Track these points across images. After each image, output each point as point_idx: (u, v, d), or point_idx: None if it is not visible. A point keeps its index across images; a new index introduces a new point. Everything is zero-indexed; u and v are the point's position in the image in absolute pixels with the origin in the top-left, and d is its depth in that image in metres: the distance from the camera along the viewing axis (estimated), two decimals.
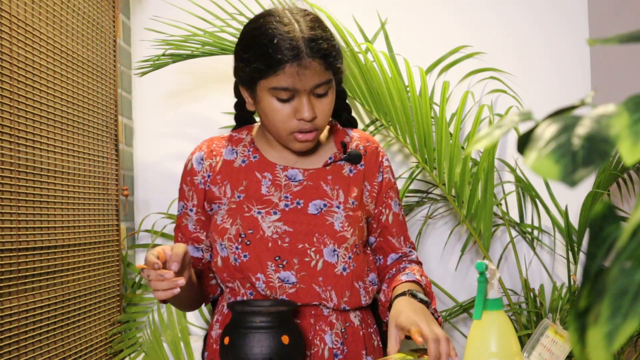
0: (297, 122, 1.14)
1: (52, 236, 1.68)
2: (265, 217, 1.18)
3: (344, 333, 1.20)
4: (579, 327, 0.33)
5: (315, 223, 1.18)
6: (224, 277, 1.22)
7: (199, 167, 1.26)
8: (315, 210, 1.20)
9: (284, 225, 1.18)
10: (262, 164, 1.24)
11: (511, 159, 2.19)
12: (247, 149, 1.27)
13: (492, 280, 0.94)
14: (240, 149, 1.27)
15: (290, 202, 1.20)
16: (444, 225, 2.23)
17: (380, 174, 1.29)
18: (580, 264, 1.95)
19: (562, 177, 0.33)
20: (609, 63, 2.15)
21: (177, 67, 2.10)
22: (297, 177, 1.23)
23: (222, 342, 1.08)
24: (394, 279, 1.25)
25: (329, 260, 1.18)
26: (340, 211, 1.20)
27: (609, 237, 0.35)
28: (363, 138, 1.31)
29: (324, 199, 1.21)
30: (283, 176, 1.23)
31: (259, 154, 1.25)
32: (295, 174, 1.23)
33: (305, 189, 1.22)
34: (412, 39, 2.24)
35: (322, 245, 1.18)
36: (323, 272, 1.18)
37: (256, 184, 1.22)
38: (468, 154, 1.99)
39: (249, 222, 1.18)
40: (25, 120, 1.56)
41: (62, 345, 1.72)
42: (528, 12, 2.25)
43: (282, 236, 1.18)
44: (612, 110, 0.35)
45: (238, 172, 1.24)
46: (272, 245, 1.17)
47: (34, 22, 1.61)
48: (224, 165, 1.25)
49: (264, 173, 1.23)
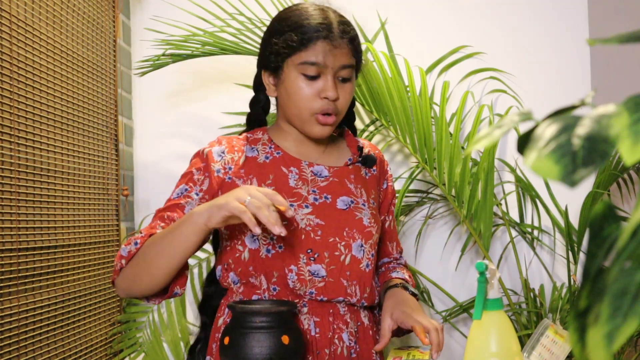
0: (320, 101, 1.18)
1: (52, 236, 1.68)
2: (297, 209, 1.19)
3: (356, 332, 1.22)
4: (579, 327, 0.33)
5: (345, 218, 1.21)
6: (248, 271, 1.19)
7: (219, 159, 1.22)
8: (344, 206, 1.23)
9: (316, 218, 1.20)
10: (287, 159, 1.25)
11: (511, 159, 2.19)
12: (268, 146, 1.27)
13: (492, 280, 0.94)
14: (260, 147, 1.27)
15: (319, 197, 1.22)
16: (444, 225, 2.23)
17: (386, 182, 1.36)
18: (580, 264, 1.95)
19: (562, 177, 0.33)
20: (609, 63, 2.15)
21: (177, 67, 2.10)
22: (323, 173, 1.25)
23: (222, 342, 1.08)
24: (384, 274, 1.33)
25: (356, 255, 1.20)
26: (366, 208, 1.25)
27: (609, 237, 0.35)
28: (371, 145, 1.38)
29: (350, 196, 1.24)
30: (309, 171, 1.25)
31: (281, 150, 1.26)
32: (321, 170, 1.26)
33: (332, 184, 1.24)
34: (412, 39, 2.24)
35: (352, 240, 1.20)
36: (350, 267, 1.20)
37: (283, 178, 1.23)
38: (468, 154, 1.99)
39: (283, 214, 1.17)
40: (25, 120, 1.56)
41: (62, 345, 1.72)
42: (528, 12, 2.25)
43: (315, 229, 1.19)
44: (612, 110, 0.35)
45: (262, 167, 1.23)
46: (305, 237, 1.18)
47: (34, 22, 1.61)
48: (247, 161, 1.24)
49: (290, 168, 1.24)
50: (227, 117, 2.20)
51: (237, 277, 1.21)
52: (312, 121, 1.20)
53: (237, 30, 1.95)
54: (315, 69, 1.16)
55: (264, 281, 1.18)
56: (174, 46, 1.94)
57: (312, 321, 1.18)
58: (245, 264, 1.19)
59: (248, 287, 1.21)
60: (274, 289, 1.18)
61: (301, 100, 1.18)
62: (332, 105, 1.18)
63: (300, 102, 1.19)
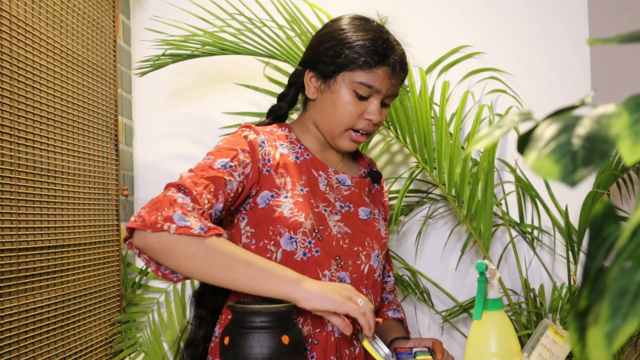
0: (363, 121, 1.21)
1: (52, 236, 1.68)
2: (330, 215, 1.20)
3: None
4: (579, 327, 0.33)
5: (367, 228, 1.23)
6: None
7: (260, 149, 1.18)
8: (365, 216, 1.26)
9: (345, 226, 1.21)
10: (316, 163, 1.25)
11: (511, 159, 2.19)
12: (297, 145, 1.25)
13: (492, 280, 0.94)
14: (288, 145, 1.24)
15: (344, 205, 1.24)
16: (444, 225, 2.23)
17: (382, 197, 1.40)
18: (580, 264, 1.95)
19: (562, 177, 0.33)
20: (609, 63, 2.14)
21: (177, 67, 2.10)
22: (347, 182, 1.27)
23: (222, 342, 1.08)
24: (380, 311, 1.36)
25: (373, 265, 1.23)
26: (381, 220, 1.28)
27: (609, 237, 0.35)
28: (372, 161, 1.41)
29: (368, 207, 1.28)
30: (335, 178, 1.26)
31: (310, 153, 1.26)
32: (345, 178, 1.27)
33: (353, 194, 1.27)
34: (412, 39, 2.24)
35: (371, 250, 1.23)
36: (367, 276, 1.22)
37: (315, 181, 1.23)
38: (468, 154, 1.99)
39: (320, 218, 1.18)
40: (25, 120, 1.56)
41: (62, 345, 1.72)
42: (528, 12, 2.25)
43: (344, 237, 1.20)
44: (612, 110, 0.35)
45: (295, 167, 1.21)
46: (336, 244, 1.19)
47: (34, 22, 1.61)
48: (282, 158, 1.21)
49: (319, 172, 1.24)
50: (227, 117, 2.20)
51: None
52: (345, 135, 1.22)
53: (237, 30, 1.95)
54: (369, 91, 1.19)
55: None
56: (174, 46, 1.94)
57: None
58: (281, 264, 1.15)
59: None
60: None
61: (344, 114, 1.20)
62: (371, 126, 1.22)
63: (342, 116, 1.20)
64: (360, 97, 1.18)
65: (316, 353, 1.16)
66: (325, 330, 1.18)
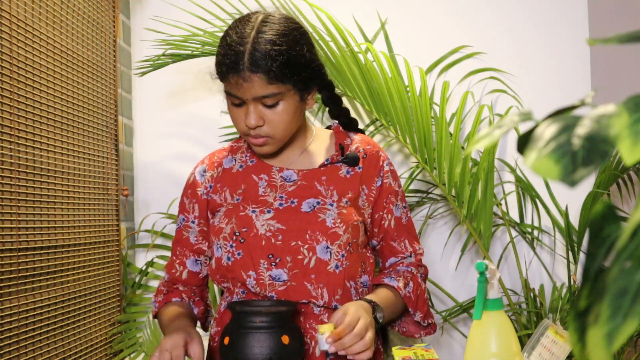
0: (246, 127, 1.19)
1: (52, 236, 1.68)
2: (259, 215, 1.20)
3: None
4: (579, 327, 0.33)
5: (308, 220, 1.20)
6: (217, 278, 1.26)
7: (202, 179, 1.30)
8: (308, 208, 1.21)
9: (277, 223, 1.20)
10: (259, 166, 1.28)
11: (511, 159, 2.19)
12: (245, 154, 1.31)
13: (492, 280, 0.94)
14: (238, 156, 1.32)
15: (285, 202, 1.22)
16: (444, 225, 2.23)
17: (380, 179, 1.28)
18: (580, 264, 1.95)
19: (562, 177, 0.33)
20: (609, 63, 2.15)
21: (177, 67, 2.10)
22: (292, 177, 1.26)
23: (222, 342, 1.08)
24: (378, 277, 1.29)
25: (322, 258, 1.18)
26: (333, 209, 1.21)
27: (609, 237, 0.35)
28: (364, 141, 1.31)
29: (318, 197, 1.22)
30: (279, 177, 1.26)
31: (255, 158, 1.29)
32: (290, 174, 1.26)
33: (299, 188, 1.24)
34: (412, 39, 2.24)
35: (315, 242, 1.18)
36: (315, 270, 1.18)
37: (254, 187, 1.25)
38: (468, 154, 1.99)
39: (243, 221, 1.20)
40: (25, 120, 1.56)
41: (62, 345, 1.72)
42: (528, 12, 2.25)
43: (275, 234, 1.19)
44: (612, 110, 0.35)
45: (236, 177, 1.28)
46: (266, 243, 1.19)
47: (34, 22, 1.61)
48: (224, 173, 1.30)
49: (260, 175, 1.27)
50: (227, 117, 2.20)
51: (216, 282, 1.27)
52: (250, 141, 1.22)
53: None
54: (234, 99, 1.18)
55: (232, 286, 1.24)
56: (174, 46, 1.94)
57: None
58: (214, 272, 1.26)
59: (227, 290, 1.27)
60: (243, 292, 1.23)
61: (235, 124, 1.22)
62: (256, 130, 1.18)
63: (235, 125, 1.22)
64: (236, 105, 1.18)
65: None
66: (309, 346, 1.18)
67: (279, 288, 1.18)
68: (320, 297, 1.18)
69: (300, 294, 1.18)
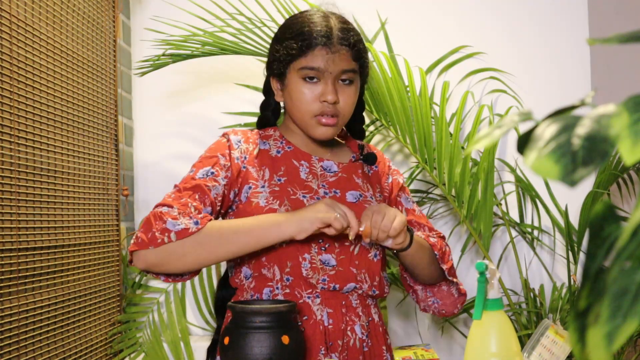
0: (320, 104, 1.22)
1: (52, 236, 1.68)
2: (309, 201, 1.22)
3: (368, 326, 1.24)
4: (579, 327, 0.33)
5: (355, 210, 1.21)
6: (261, 262, 1.20)
7: (236, 146, 1.26)
8: (354, 199, 1.27)
9: None
10: (298, 153, 1.29)
11: (511, 159, 2.19)
12: (279, 141, 1.31)
13: (492, 280, 0.94)
14: (271, 142, 1.31)
15: (329, 191, 1.26)
16: (444, 225, 2.23)
17: (389, 176, 1.39)
18: (580, 264, 1.95)
19: (562, 177, 0.33)
20: (609, 63, 2.15)
21: (177, 67, 2.10)
22: (333, 169, 1.29)
23: (222, 342, 1.08)
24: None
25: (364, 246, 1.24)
26: (374, 202, 1.29)
27: (609, 237, 0.35)
28: (371, 146, 1.41)
29: (358, 190, 1.29)
30: (319, 166, 1.29)
31: (292, 146, 1.30)
32: (331, 165, 1.30)
33: (340, 180, 1.28)
34: (412, 39, 2.24)
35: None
36: (359, 257, 1.23)
37: (295, 170, 1.27)
38: (468, 154, 1.99)
39: (297, 204, 1.21)
40: (25, 120, 1.56)
41: (62, 345, 1.72)
42: (528, 12, 2.25)
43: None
44: (612, 110, 0.35)
45: (275, 160, 1.27)
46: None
47: (34, 22, 1.61)
48: (261, 153, 1.28)
49: (300, 162, 1.28)
50: (227, 117, 2.20)
51: (250, 271, 1.22)
52: (314, 123, 1.23)
53: (237, 30, 1.95)
54: (315, 73, 1.21)
55: (277, 272, 1.20)
56: (174, 46, 1.94)
57: (325, 312, 1.19)
58: (259, 256, 1.21)
59: (260, 281, 1.21)
60: (287, 279, 1.19)
61: (302, 103, 1.22)
62: (332, 107, 1.22)
63: (302, 106, 1.23)
64: (311, 82, 1.21)
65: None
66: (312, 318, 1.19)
67: (330, 272, 1.20)
68: (365, 281, 1.23)
69: (347, 278, 1.21)
